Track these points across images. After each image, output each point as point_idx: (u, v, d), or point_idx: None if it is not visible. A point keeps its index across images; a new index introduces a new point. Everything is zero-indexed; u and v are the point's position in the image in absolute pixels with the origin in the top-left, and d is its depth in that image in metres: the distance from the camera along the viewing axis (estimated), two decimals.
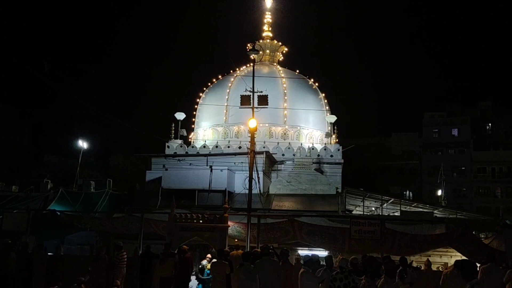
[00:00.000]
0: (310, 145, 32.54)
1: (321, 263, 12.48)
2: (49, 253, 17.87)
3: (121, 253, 15.30)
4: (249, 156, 19.13)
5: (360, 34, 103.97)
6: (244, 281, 11.35)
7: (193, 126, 36.08)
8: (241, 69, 35.61)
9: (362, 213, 29.84)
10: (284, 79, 34.64)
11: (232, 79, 34.93)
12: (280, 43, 38.44)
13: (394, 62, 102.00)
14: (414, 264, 18.12)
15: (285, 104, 33.60)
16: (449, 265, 18.79)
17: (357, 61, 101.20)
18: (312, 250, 19.95)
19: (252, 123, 18.86)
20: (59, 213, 22.47)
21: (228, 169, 27.92)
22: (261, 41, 37.59)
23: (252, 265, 11.65)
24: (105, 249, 15.86)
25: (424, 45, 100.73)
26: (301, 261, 12.53)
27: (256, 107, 20.13)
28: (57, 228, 22.58)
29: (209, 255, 16.68)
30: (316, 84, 36.28)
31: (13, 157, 58.54)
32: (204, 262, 16.28)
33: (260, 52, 36.34)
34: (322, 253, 18.94)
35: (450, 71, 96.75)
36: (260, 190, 23.50)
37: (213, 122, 34.61)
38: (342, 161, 32.21)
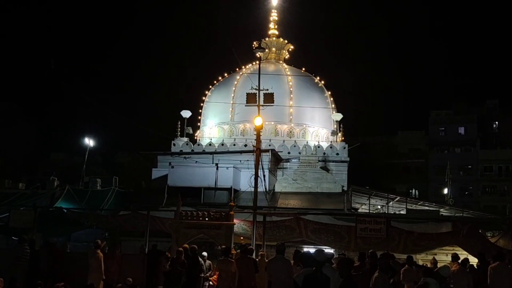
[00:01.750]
0: (316, 143, 32.48)
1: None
2: None
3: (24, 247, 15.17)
4: (254, 154, 19.10)
5: (367, 33, 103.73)
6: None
7: (199, 124, 36.15)
8: (247, 67, 35.61)
9: (368, 211, 29.78)
10: (290, 77, 34.58)
11: (238, 77, 34.95)
12: (286, 41, 38.39)
13: (401, 60, 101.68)
14: (420, 263, 18.09)
15: (291, 102, 33.59)
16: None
17: (363, 59, 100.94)
18: (317, 248, 19.94)
19: (258, 121, 18.84)
20: (65, 210, 22.57)
21: (234, 167, 27.97)
22: (267, 39, 37.52)
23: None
24: (119, 247, 15.80)
25: (431, 44, 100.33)
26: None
27: (262, 105, 20.07)
28: (64, 225, 22.69)
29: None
30: (322, 82, 36.23)
31: (20, 154, 58.82)
32: None
33: (266, 50, 36.25)
34: (328, 251, 18.92)
35: (457, 69, 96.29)
36: (265, 188, 23.47)
37: (219, 120, 34.63)
38: (348, 159, 32.14)
